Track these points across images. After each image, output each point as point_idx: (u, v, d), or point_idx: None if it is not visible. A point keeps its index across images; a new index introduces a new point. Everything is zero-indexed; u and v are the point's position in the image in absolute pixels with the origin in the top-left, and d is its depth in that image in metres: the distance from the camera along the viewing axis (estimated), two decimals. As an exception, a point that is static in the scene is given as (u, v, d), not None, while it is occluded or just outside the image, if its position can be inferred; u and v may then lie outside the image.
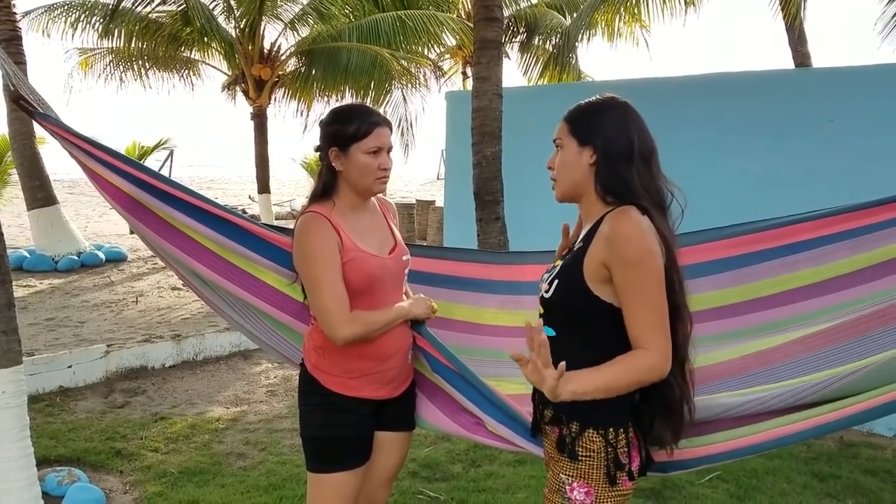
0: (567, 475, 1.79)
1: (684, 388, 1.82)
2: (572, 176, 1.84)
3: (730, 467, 4.06)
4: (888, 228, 2.43)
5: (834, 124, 4.94)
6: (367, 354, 2.17)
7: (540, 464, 4.08)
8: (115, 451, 4.21)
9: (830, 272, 2.49)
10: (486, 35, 5.71)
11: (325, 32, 11.75)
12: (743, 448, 2.03)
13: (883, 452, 4.42)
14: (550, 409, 1.84)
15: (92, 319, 7.27)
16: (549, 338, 1.81)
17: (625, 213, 1.73)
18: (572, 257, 1.83)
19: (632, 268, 1.68)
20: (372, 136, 2.13)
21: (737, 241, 2.57)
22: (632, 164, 1.78)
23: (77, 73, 12.39)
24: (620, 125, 1.80)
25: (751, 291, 2.55)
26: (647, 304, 1.69)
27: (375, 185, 2.18)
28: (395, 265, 2.24)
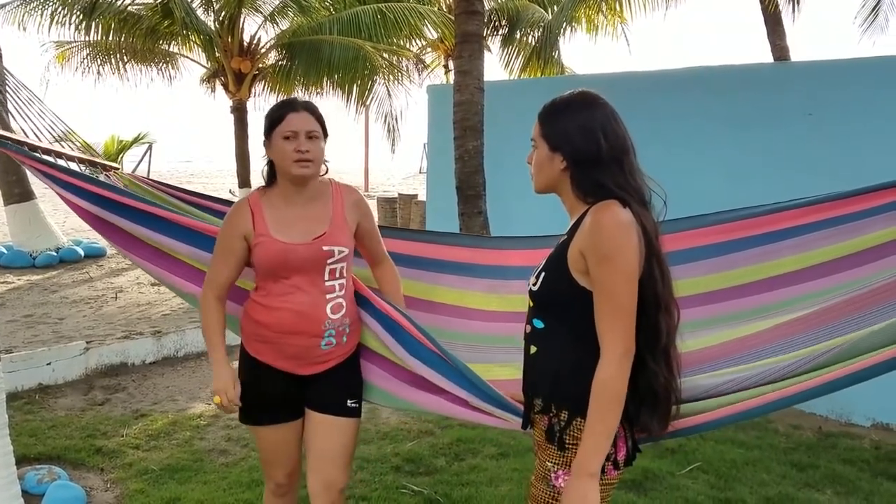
0: (553, 463, 1.81)
1: (668, 376, 1.85)
2: (547, 177, 1.89)
3: (710, 458, 4.10)
4: (868, 217, 2.47)
5: (813, 117, 4.99)
6: (268, 325, 2.35)
7: (523, 457, 4.12)
8: (95, 449, 4.18)
9: (812, 260, 2.52)
10: (468, 28, 5.71)
11: (305, 25, 11.67)
12: (727, 416, 2.03)
13: (861, 442, 4.48)
14: (540, 399, 1.86)
15: (71, 316, 7.19)
16: (538, 330, 1.88)
17: (606, 206, 1.76)
18: (557, 250, 1.86)
19: (603, 261, 1.71)
20: (285, 121, 2.28)
21: (721, 229, 2.60)
22: (603, 167, 1.79)
23: (54, 66, 12.25)
24: (588, 128, 1.80)
25: (734, 278, 2.59)
26: (611, 297, 1.72)
27: (294, 167, 2.27)
28: (308, 252, 2.31)
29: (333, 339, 2.38)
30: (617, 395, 1.71)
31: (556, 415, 1.81)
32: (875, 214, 2.45)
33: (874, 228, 2.45)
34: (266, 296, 2.36)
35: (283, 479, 2.59)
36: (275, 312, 2.34)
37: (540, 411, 1.86)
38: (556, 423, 1.81)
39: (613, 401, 1.71)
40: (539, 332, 1.88)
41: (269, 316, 2.35)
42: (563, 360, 1.83)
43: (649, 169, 1.90)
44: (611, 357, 1.71)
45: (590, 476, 1.70)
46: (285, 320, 2.33)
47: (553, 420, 1.82)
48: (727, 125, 5.36)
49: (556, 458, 1.81)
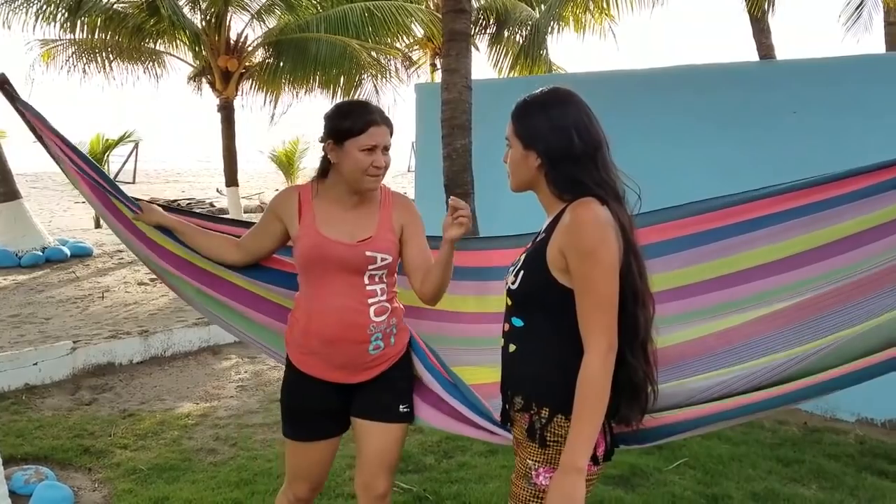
0: (534, 461, 1.82)
1: (647, 370, 1.87)
2: (522, 175, 1.91)
3: (697, 454, 4.13)
4: (846, 204, 2.40)
5: (797, 114, 5.03)
6: (311, 333, 2.29)
7: (511, 454, 4.11)
8: (83, 449, 4.16)
9: (788, 249, 2.47)
10: (455, 27, 5.71)
11: (292, 23, 11.64)
12: (710, 415, 2.03)
13: (846, 437, 4.53)
14: (521, 397, 1.86)
15: (57, 316, 7.15)
16: (518, 328, 1.87)
17: (584, 204, 1.78)
18: (535, 248, 1.87)
19: (585, 257, 1.73)
20: (367, 133, 2.20)
21: (693, 220, 2.55)
22: (578, 164, 1.81)
23: (39, 64, 12.14)
24: (561, 125, 1.81)
25: (709, 270, 2.52)
26: (594, 294, 1.74)
27: (365, 181, 2.24)
28: (349, 253, 2.25)
29: (381, 342, 2.31)
30: (602, 391, 1.72)
31: (537, 412, 1.82)
32: (853, 200, 2.40)
33: (852, 215, 2.39)
34: (306, 297, 2.32)
35: (306, 494, 2.50)
36: (317, 318, 2.27)
37: (520, 409, 1.86)
38: (536, 421, 1.81)
39: (599, 396, 1.72)
40: (518, 331, 1.89)
41: (312, 322, 2.28)
42: (544, 357, 1.84)
43: (636, 166, 1.91)
44: (595, 353, 1.72)
45: (577, 471, 1.70)
46: (329, 326, 2.26)
47: (534, 417, 1.82)
48: (714, 123, 5.40)
49: (537, 455, 1.82)
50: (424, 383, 2.44)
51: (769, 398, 2.01)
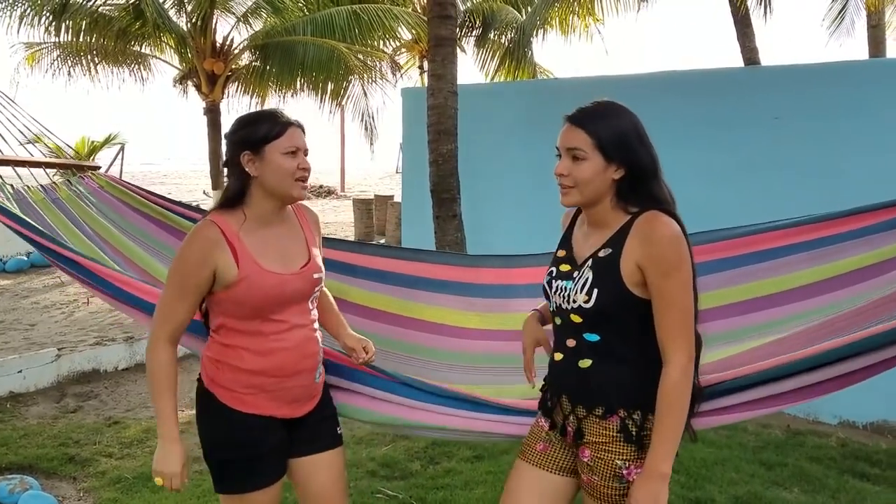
0: (625, 460, 1.84)
1: (698, 384, 1.92)
2: (596, 189, 1.84)
3: (680, 458, 4.09)
4: (848, 241, 2.49)
5: (781, 120, 5.08)
6: (267, 371, 2.05)
7: (497, 459, 4.15)
8: (68, 458, 4.15)
9: (795, 281, 2.54)
10: (441, 33, 5.72)
11: (279, 26, 11.62)
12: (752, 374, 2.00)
13: (828, 440, 4.57)
14: (602, 407, 1.86)
15: (42, 321, 7.12)
16: (593, 343, 1.88)
17: (659, 218, 1.79)
18: (604, 264, 1.84)
19: (671, 271, 1.75)
20: (286, 135, 2.03)
21: (731, 244, 2.62)
22: (656, 178, 1.84)
23: (24, 67, 12.08)
24: (643, 139, 1.84)
25: (712, 300, 2.59)
26: (677, 307, 1.76)
27: (295, 188, 2.05)
28: (300, 283, 2.09)
29: (321, 366, 2.19)
30: (684, 400, 1.77)
31: (629, 415, 1.84)
32: (857, 237, 2.48)
33: (855, 252, 2.48)
34: (257, 339, 2.04)
35: None
36: (274, 356, 2.05)
37: (603, 415, 1.86)
38: (630, 423, 1.83)
39: (681, 405, 1.77)
40: (595, 345, 1.88)
41: (268, 361, 2.04)
42: (628, 366, 1.86)
43: None
44: (677, 364, 1.76)
45: (662, 477, 1.75)
46: (287, 362, 2.06)
47: (626, 421, 1.84)
48: (699, 129, 5.45)
49: (630, 454, 1.83)
50: (351, 390, 2.34)
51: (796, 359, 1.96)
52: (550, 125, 2.01)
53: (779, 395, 2.00)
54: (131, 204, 3.30)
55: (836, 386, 1.99)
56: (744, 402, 2.02)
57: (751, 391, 2.00)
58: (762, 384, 1.98)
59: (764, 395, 2.00)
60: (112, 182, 3.37)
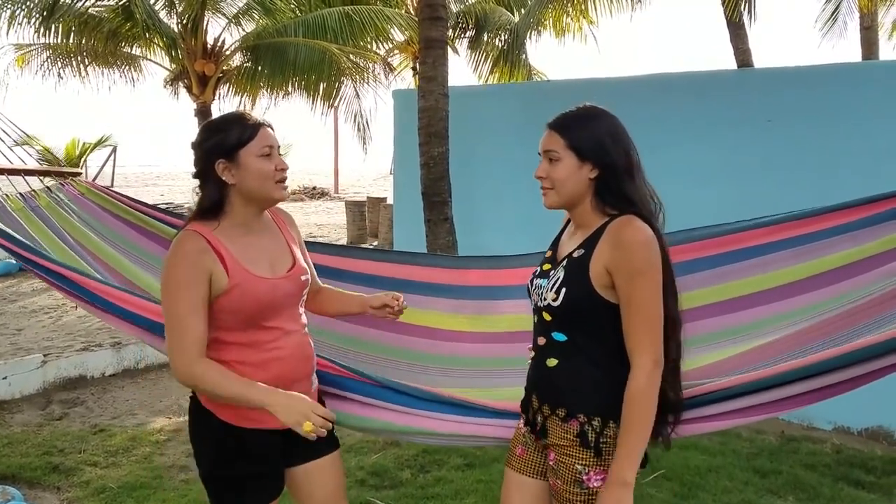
0: (584, 465, 1.84)
1: (677, 391, 1.91)
2: (572, 188, 1.86)
3: (674, 465, 4.12)
4: (834, 237, 2.47)
5: (773, 123, 5.04)
6: (266, 383, 1.93)
7: (489, 467, 4.10)
8: (52, 467, 4.08)
9: (778, 279, 2.51)
10: (431, 34, 5.67)
11: (270, 27, 11.56)
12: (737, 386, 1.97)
13: (823, 446, 4.53)
14: (564, 408, 1.87)
15: (30, 326, 7.04)
16: (560, 342, 1.89)
17: (631, 222, 1.80)
18: (576, 264, 1.86)
19: (637, 276, 1.76)
20: (258, 137, 1.96)
21: (716, 242, 2.58)
22: (632, 178, 1.85)
23: (13, 69, 11.99)
24: (617, 139, 1.86)
25: (699, 298, 2.57)
26: (644, 312, 1.77)
27: (276, 190, 1.99)
28: (291, 285, 2.04)
29: (315, 372, 2.14)
30: (650, 406, 1.77)
31: (588, 421, 1.84)
32: (842, 233, 2.46)
33: (841, 247, 2.45)
34: (253, 350, 1.98)
35: None
36: (271, 365, 1.98)
37: (565, 418, 1.87)
38: (588, 430, 1.83)
39: (646, 411, 1.76)
40: (561, 345, 1.89)
41: (266, 372, 1.96)
42: (591, 370, 1.86)
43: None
44: (642, 369, 1.76)
45: (625, 485, 1.74)
46: (285, 370, 2.00)
47: (585, 427, 1.84)
48: (690, 130, 5.40)
49: (589, 460, 1.83)
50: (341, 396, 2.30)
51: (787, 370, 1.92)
52: (543, 127, 2.00)
53: (767, 404, 1.96)
54: (112, 210, 3.25)
55: (825, 395, 1.96)
56: (731, 410, 1.99)
57: (739, 400, 1.97)
58: (750, 394, 1.95)
59: (752, 403, 1.97)
60: (93, 188, 3.32)
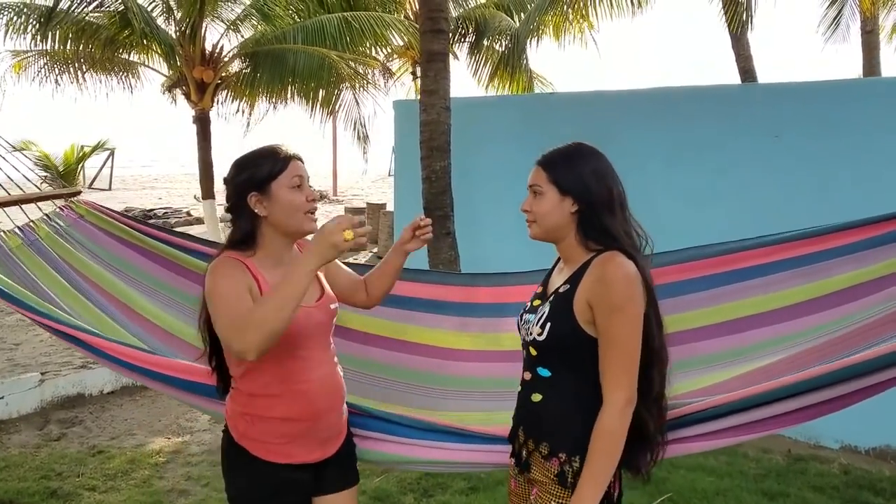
0: (559, 502, 1.86)
1: (658, 423, 1.91)
2: (553, 222, 1.92)
3: (680, 488, 4.07)
4: (839, 257, 2.44)
5: (778, 139, 4.99)
6: (300, 415, 2.00)
7: (493, 490, 4.05)
8: (50, 492, 4.02)
9: (782, 300, 2.49)
10: (433, 48, 5.62)
11: (269, 34, 11.49)
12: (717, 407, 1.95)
13: (830, 466, 4.48)
14: (547, 444, 1.88)
15: (27, 341, 6.96)
16: (544, 378, 1.91)
17: (613, 258, 1.83)
18: (561, 299, 1.88)
19: (615, 311, 1.78)
20: (289, 168, 1.99)
21: (686, 267, 2.56)
22: (613, 213, 1.88)
23: (11, 76, 11.92)
24: (599, 175, 1.89)
25: (699, 318, 2.55)
26: (620, 348, 1.78)
27: (306, 222, 2.02)
28: (321, 315, 2.07)
29: (344, 404, 2.16)
30: (617, 444, 1.78)
31: (568, 460, 1.84)
32: (848, 254, 2.42)
33: (846, 269, 2.41)
34: (287, 383, 2.00)
35: None
36: (304, 398, 2.01)
37: (547, 455, 1.88)
38: (568, 470, 1.84)
39: (613, 448, 1.78)
40: (545, 381, 1.91)
41: (298, 404, 2.00)
42: (573, 408, 1.87)
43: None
44: (614, 406, 1.77)
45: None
46: (317, 401, 2.03)
47: (564, 466, 1.85)
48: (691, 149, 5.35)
49: (564, 498, 1.84)
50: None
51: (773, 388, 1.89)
52: (545, 140, 2.04)
53: (759, 422, 1.94)
54: (113, 233, 3.19)
55: (820, 412, 1.92)
56: (723, 428, 1.97)
57: (729, 418, 1.95)
58: (740, 412, 1.93)
59: (743, 421, 1.94)
60: (92, 210, 3.25)
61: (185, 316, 2.90)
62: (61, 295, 2.81)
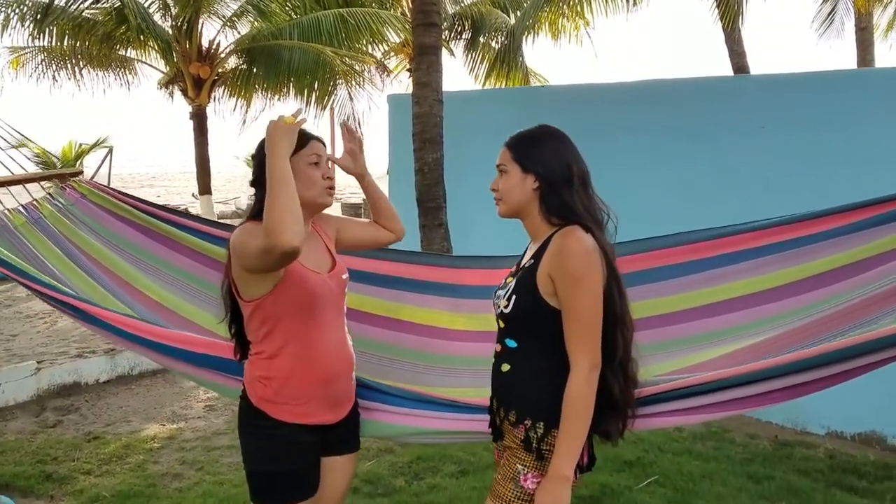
0: (524, 466, 1.93)
1: (625, 389, 1.97)
2: (517, 198, 2.01)
3: (667, 471, 4.13)
4: (823, 241, 2.50)
5: (766, 130, 5.05)
6: (315, 378, 2.14)
7: (483, 474, 4.10)
8: (45, 475, 4.07)
9: (770, 282, 2.55)
10: (425, 41, 5.67)
11: (265, 30, 11.55)
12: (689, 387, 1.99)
13: (816, 451, 4.54)
14: (514, 413, 1.96)
15: (24, 332, 7.02)
16: (511, 349, 2.00)
17: (572, 232, 1.90)
18: (526, 273, 1.97)
19: (572, 283, 1.85)
20: (309, 146, 2.14)
21: (677, 251, 2.64)
22: (572, 189, 1.96)
23: (8, 72, 11.96)
24: (559, 154, 1.99)
25: (689, 300, 2.61)
26: (580, 317, 1.86)
27: (323, 196, 2.17)
28: (334, 283, 2.19)
29: (353, 369, 2.28)
30: (586, 407, 1.85)
31: (532, 426, 1.92)
32: (832, 237, 2.49)
33: (830, 252, 2.48)
34: (300, 344, 2.12)
35: None
36: (319, 362, 2.14)
37: (514, 422, 1.95)
38: (533, 435, 1.91)
39: (583, 412, 1.85)
40: (512, 351, 1.99)
41: (313, 367, 2.13)
42: (537, 376, 1.94)
43: (606, 185, 2.04)
44: (579, 372, 1.85)
45: (564, 479, 1.83)
46: (332, 365, 2.16)
47: (529, 432, 1.92)
48: (681, 140, 5.40)
49: (529, 462, 1.92)
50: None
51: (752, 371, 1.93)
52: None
53: (730, 402, 1.98)
54: (115, 212, 3.21)
55: (793, 394, 1.94)
56: (695, 406, 2.01)
57: (703, 397, 1.99)
58: (713, 392, 1.97)
59: (716, 400, 1.98)
60: (95, 189, 3.27)
61: (187, 294, 2.96)
62: (65, 272, 2.86)
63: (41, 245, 3.00)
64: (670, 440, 4.64)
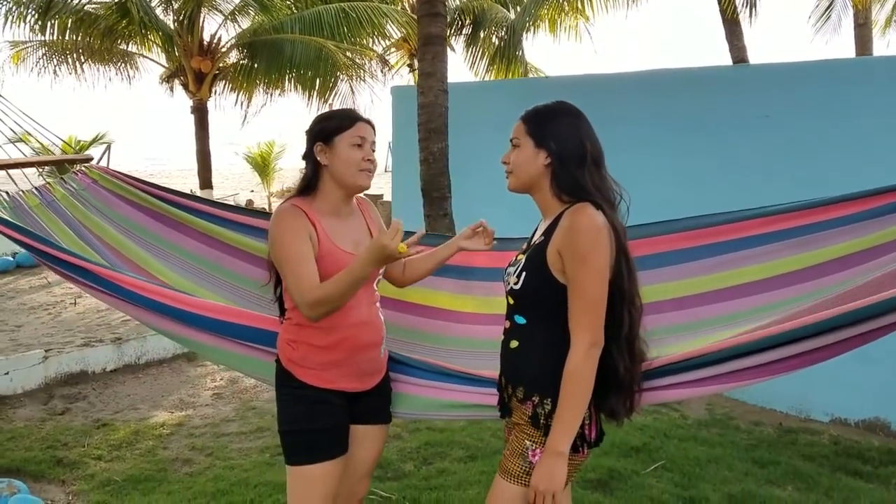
0: (532, 442, 1.95)
1: (631, 366, 1.97)
2: (528, 173, 2.00)
3: (674, 457, 4.16)
4: (835, 228, 2.52)
5: (770, 119, 5.08)
6: (341, 346, 2.22)
7: (491, 458, 4.13)
8: (56, 460, 4.09)
9: (781, 268, 2.57)
10: (430, 31, 5.70)
11: (266, 24, 11.55)
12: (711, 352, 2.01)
13: (820, 437, 4.58)
14: (522, 389, 1.97)
15: (29, 323, 7.03)
16: (520, 325, 2.01)
17: (582, 208, 1.90)
18: (536, 250, 1.97)
19: (579, 260, 1.85)
20: (355, 127, 2.22)
21: (690, 235, 2.65)
22: (584, 167, 1.95)
23: (9, 66, 11.96)
24: (574, 131, 1.98)
25: (702, 284, 2.63)
26: (584, 294, 1.86)
27: (360, 177, 2.24)
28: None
29: (384, 343, 2.36)
30: (584, 384, 1.85)
31: (540, 402, 1.93)
32: (843, 225, 2.52)
33: (842, 239, 2.51)
34: (334, 316, 2.18)
35: None
36: (347, 331, 2.22)
37: (522, 399, 1.97)
38: (540, 411, 1.93)
39: (581, 388, 1.85)
40: (521, 328, 2.00)
41: (341, 336, 2.21)
42: (546, 352, 1.95)
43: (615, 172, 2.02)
44: (579, 348, 1.85)
45: (559, 455, 1.85)
46: (360, 336, 2.24)
47: (537, 408, 1.94)
48: (681, 130, 5.44)
49: (537, 438, 1.93)
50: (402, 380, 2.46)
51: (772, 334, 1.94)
52: None
53: (741, 371, 1.99)
54: (127, 197, 3.24)
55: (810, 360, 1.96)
56: (703, 377, 2.04)
57: (705, 369, 2.02)
58: (715, 363, 2.01)
59: (717, 372, 2.01)
60: (105, 175, 3.30)
61: (198, 278, 2.98)
62: (75, 248, 2.88)
63: (55, 226, 3.03)
64: (675, 426, 4.68)
